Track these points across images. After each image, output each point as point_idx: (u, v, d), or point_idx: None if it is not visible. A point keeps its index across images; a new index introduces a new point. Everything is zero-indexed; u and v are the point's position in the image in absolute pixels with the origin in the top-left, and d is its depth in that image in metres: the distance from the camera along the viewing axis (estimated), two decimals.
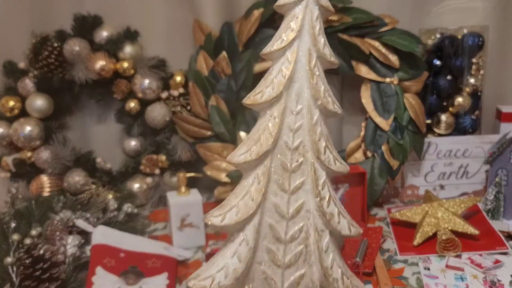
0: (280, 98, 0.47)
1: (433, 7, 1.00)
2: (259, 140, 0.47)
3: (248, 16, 0.94)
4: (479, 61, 0.99)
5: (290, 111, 0.47)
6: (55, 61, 0.97)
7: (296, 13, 0.47)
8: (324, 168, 0.48)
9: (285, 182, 0.47)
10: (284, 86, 0.47)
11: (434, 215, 0.83)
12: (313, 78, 0.47)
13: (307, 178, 0.47)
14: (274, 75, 0.48)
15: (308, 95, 0.48)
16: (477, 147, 0.99)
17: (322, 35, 0.48)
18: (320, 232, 0.48)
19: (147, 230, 0.95)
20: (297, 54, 0.47)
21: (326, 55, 0.48)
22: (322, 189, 0.48)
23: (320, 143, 0.48)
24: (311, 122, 0.47)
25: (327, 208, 0.48)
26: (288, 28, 0.47)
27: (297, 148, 0.47)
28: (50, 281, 0.71)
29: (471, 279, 0.71)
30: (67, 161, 1.01)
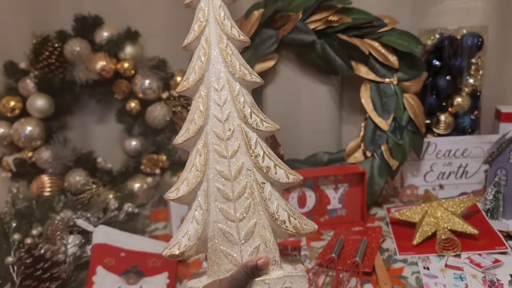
0: (203, 80, 0.55)
1: (432, 8, 1.00)
2: (193, 120, 0.55)
3: (248, 16, 0.94)
4: (478, 61, 1.00)
5: (214, 89, 0.55)
6: (55, 62, 0.98)
7: (201, 6, 0.57)
8: (254, 130, 0.55)
9: (223, 150, 0.55)
10: (204, 68, 0.55)
11: (434, 214, 0.83)
12: (227, 57, 0.55)
13: (241, 142, 0.55)
14: (194, 62, 0.56)
15: (226, 72, 0.55)
16: (476, 147, 0.99)
17: (227, 19, 0.57)
18: (261, 185, 0.55)
19: (147, 230, 0.95)
20: (209, 40, 0.56)
21: (235, 35, 0.56)
22: (255, 148, 0.55)
23: (245, 109, 0.55)
24: (234, 94, 0.55)
25: (263, 163, 0.55)
26: (198, 20, 0.56)
27: (227, 119, 0.55)
28: (50, 281, 0.71)
29: (471, 279, 0.71)
30: (67, 161, 1.02)
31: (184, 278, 0.77)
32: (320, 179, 0.92)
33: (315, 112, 1.01)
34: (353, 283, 0.72)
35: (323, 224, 0.93)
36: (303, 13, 0.92)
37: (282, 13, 0.94)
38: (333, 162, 0.99)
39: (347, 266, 0.76)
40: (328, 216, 0.94)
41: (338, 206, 0.93)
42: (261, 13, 0.92)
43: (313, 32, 0.93)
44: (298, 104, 1.01)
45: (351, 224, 0.92)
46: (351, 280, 0.73)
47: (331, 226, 0.92)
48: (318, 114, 1.01)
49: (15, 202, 0.92)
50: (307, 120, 1.02)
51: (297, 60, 0.99)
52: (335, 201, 0.93)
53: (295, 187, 0.91)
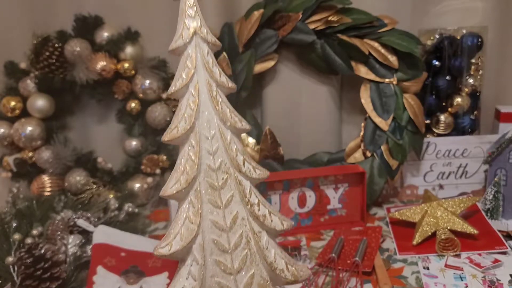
0: (193, 129, 0.53)
1: (432, 8, 1.00)
2: (184, 170, 0.53)
3: (248, 17, 0.94)
4: (478, 61, 1.00)
5: (205, 137, 0.53)
6: (56, 62, 0.98)
7: (189, 53, 0.54)
8: (247, 178, 0.54)
9: (217, 200, 0.53)
10: (195, 116, 0.53)
11: (433, 214, 0.83)
12: (218, 105, 0.54)
13: (235, 191, 0.54)
14: (183, 109, 0.54)
15: (217, 120, 0.54)
16: (476, 147, 0.99)
17: (216, 66, 0.55)
18: (258, 234, 0.54)
19: (147, 230, 0.95)
20: (199, 87, 0.54)
21: (224, 82, 0.55)
22: (250, 197, 0.54)
23: (238, 158, 0.54)
24: (226, 142, 0.54)
25: (259, 211, 0.54)
26: (185, 67, 0.54)
27: (220, 167, 0.53)
28: (51, 281, 0.71)
29: (470, 279, 0.71)
30: (68, 161, 1.02)
31: None
32: (320, 179, 0.92)
33: (315, 112, 1.01)
34: (353, 283, 0.72)
35: (323, 224, 0.93)
36: (303, 13, 0.92)
37: (282, 13, 0.94)
38: (333, 162, 0.99)
39: (347, 266, 0.76)
40: (328, 216, 0.94)
41: (338, 206, 0.94)
42: (261, 13, 0.93)
43: (313, 32, 0.93)
44: (298, 104, 1.01)
45: (351, 224, 0.92)
46: (351, 280, 0.73)
47: (331, 226, 0.92)
48: (318, 114, 1.02)
49: (16, 202, 0.92)
50: (307, 120, 1.02)
51: (297, 60, 0.99)
52: (335, 201, 0.93)
53: (295, 187, 0.92)
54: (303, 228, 0.93)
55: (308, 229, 0.92)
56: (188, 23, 0.53)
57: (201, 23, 0.54)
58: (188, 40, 0.53)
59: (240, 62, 0.95)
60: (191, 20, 0.53)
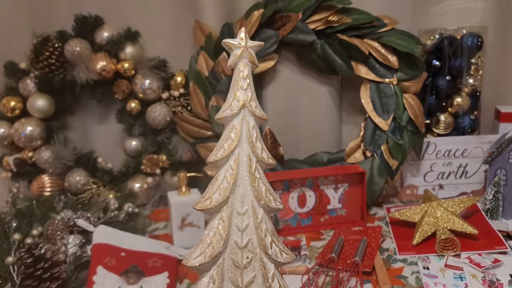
0: (227, 202, 0.52)
1: (432, 8, 1.01)
2: (211, 243, 0.51)
3: (248, 16, 0.94)
4: (478, 61, 1.00)
5: (237, 213, 0.52)
6: (56, 62, 0.98)
7: (234, 124, 0.53)
8: (272, 261, 0.53)
9: (238, 279, 0.52)
10: (230, 190, 0.52)
11: (433, 214, 0.83)
12: (255, 181, 0.52)
13: (257, 272, 0.52)
14: (220, 181, 0.52)
15: (251, 197, 0.52)
16: (476, 147, 0.99)
17: (259, 141, 0.54)
18: None
19: (147, 230, 0.95)
20: (239, 161, 0.52)
21: (265, 159, 0.54)
22: (272, 281, 0.52)
23: (266, 239, 0.52)
24: (257, 221, 0.52)
25: None
26: (229, 139, 0.53)
27: (246, 246, 0.52)
28: (51, 281, 0.71)
29: (470, 279, 0.71)
30: (68, 161, 1.02)
31: (184, 278, 0.77)
32: (320, 179, 0.92)
33: (315, 112, 1.01)
34: (353, 282, 0.72)
35: (323, 224, 0.93)
36: (303, 13, 0.92)
37: (282, 13, 0.94)
38: (333, 162, 0.99)
39: (347, 265, 0.76)
40: (328, 216, 0.94)
41: (338, 206, 0.94)
42: (261, 13, 0.93)
43: (313, 32, 0.93)
44: (298, 104, 1.01)
45: (351, 224, 0.92)
46: (351, 279, 0.73)
47: (331, 226, 0.92)
48: (318, 114, 1.02)
49: (16, 202, 0.92)
50: (307, 120, 1.02)
51: (297, 60, 0.99)
52: (335, 201, 0.93)
53: (295, 187, 0.91)
54: (303, 228, 0.93)
55: (308, 229, 0.92)
56: (239, 95, 0.53)
57: (252, 96, 0.53)
58: (236, 112, 0.52)
59: None
60: (242, 92, 0.53)
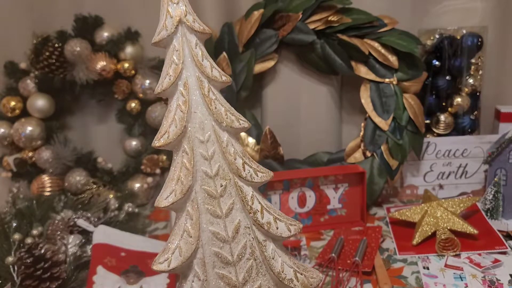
0: (185, 132, 0.48)
1: (432, 8, 1.00)
2: (179, 178, 0.48)
3: (248, 16, 0.94)
4: (478, 61, 1.00)
5: (199, 141, 0.48)
6: (56, 62, 0.98)
7: (175, 45, 0.47)
8: (249, 183, 0.50)
9: (217, 209, 0.49)
10: (186, 119, 0.48)
11: (433, 214, 0.83)
12: (211, 104, 0.48)
13: (236, 198, 0.49)
14: (173, 111, 0.48)
15: (211, 121, 0.48)
16: (476, 147, 0.99)
17: (206, 59, 0.48)
18: (263, 243, 0.50)
19: (147, 230, 0.95)
20: (188, 85, 0.48)
21: (217, 77, 0.49)
22: (252, 204, 0.49)
23: (237, 161, 0.49)
24: (222, 145, 0.48)
25: (262, 219, 0.49)
26: (172, 63, 0.47)
27: (217, 173, 0.48)
28: (51, 281, 0.71)
29: (470, 279, 0.71)
30: (68, 161, 1.02)
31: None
32: (320, 179, 0.92)
33: (315, 112, 1.01)
34: (353, 282, 0.72)
35: (323, 224, 0.93)
36: (303, 13, 0.92)
37: (282, 13, 0.94)
38: (333, 162, 0.99)
39: (347, 265, 0.76)
40: (328, 216, 0.94)
41: (338, 206, 0.94)
42: (261, 13, 0.93)
43: (313, 32, 0.93)
44: (298, 104, 1.01)
45: (351, 224, 0.92)
46: (351, 279, 0.73)
47: (331, 226, 0.92)
48: (318, 114, 1.02)
49: (16, 202, 0.92)
50: (307, 120, 1.02)
51: (297, 60, 0.99)
52: (335, 201, 0.93)
53: (295, 187, 0.92)
54: (303, 228, 0.92)
55: (308, 229, 0.92)
56: (172, 11, 0.47)
57: (187, 9, 0.47)
58: (173, 31, 0.47)
59: (240, 62, 0.96)
60: (174, 6, 0.47)
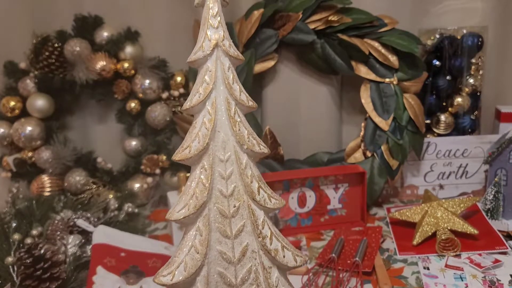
0: (207, 150, 0.49)
1: (432, 8, 1.00)
2: (194, 194, 0.48)
3: (248, 16, 0.94)
4: (478, 61, 1.00)
5: (219, 160, 0.49)
6: (55, 62, 0.98)
7: (208, 66, 0.49)
8: (261, 208, 0.50)
9: (227, 229, 0.49)
10: (209, 137, 0.49)
11: (434, 214, 0.83)
12: (235, 125, 0.50)
13: (247, 220, 0.49)
14: (198, 128, 0.49)
15: (233, 142, 0.50)
16: (477, 147, 0.99)
17: (236, 83, 0.50)
18: (268, 269, 0.50)
19: (147, 230, 0.95)
20: (216, 105, 0.49)
21: (244, 101, 0.51)
22: (262, 228, 0.50)
23: (253, 185, 0.50)
24: (241, 167, 0.49)
25: (271, 245, 0.50)
26: (203, 82, 0.49)
27: (232, 194, 0.49)
28: (50, 281, 0.71)
29: (471, 279, 0.71)
30: (67, 161, 1.02)
31: None
32: (320, 179, 0.92)
33: (315, 112, 1.01)
34: (353, 283, 0.72)
35: (323, 224, 0.93)
36: (303, 13, 0.92)
37: (282, 13, 0.94)
38: (333, 162, 0.99)
39: (347, 266, 0.76)
40: (328, 216, 0.94)
41: (338, 206, 0.94)
42: (261, 13, 0.93)
43: (313, 32, 0.93)
44: (298, 104, 1.01)
45: (351, 224, 0.92)
46: (351, 280, 0.73)
47: (331, 226, 0.92)
48: (318, 114, 1.01)
49: (15, 202, 0.92)
50: (307, 120, 1.02)
51: (297, 60, 0.99)
52: (335, 201, 0.93)
53: (295, 187, 0.91)
54: (303, 228, 0.93)
55: (308, 229, 0.92)
56: (210, 34, 0.49)
57: (224, 34, 0.50)
58: (209, 52, 0.49)
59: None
60: (213, 31, 0.49)
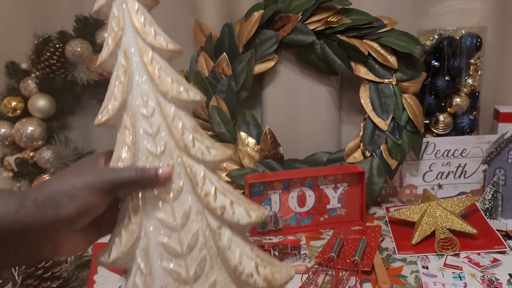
0: (125, 105, 0.43)
1: (431, 8, 1.01)
2: (119, 158, 0.43)
3: (248, 17, 0.95)
4: (477, 61, 1.00)
5: (142, 116, 0.43)
6: (57, 62, 0.98)
7: (114, 13, 0.44)
8: (200, 162, 0.43)
9: (162, 192, 0.42)
10: (126, 91, 0.43)
11: (433, 214, 0.84)
12: (155, 72, 0.43)
13: (184, 179, 0.42)
14: (113, 84, 0.43)
15: (155, 92, 0.43)
16: (475, 147, 0.99)
17: (149, 25, 0.44)
18: (217, 230, 0.42)
19: None
20: (128, 54, 0.43)
21: (162, 45, 0.44)
22: (203, 185, 0.42)
23: (185, 137, 0.43)
24: (168, 120, 0.43)
25: (215, 202, 0.42)
26: (111, 31, 0.44)
27: (163, 151, 0.42)
28: (52, 280, 0.72)
29: (469, 278, 0.72)
30: (69, 161, 1.02)
31: None
32: (319, 179, 0.92)
33: (315, 112, 1.02)
34: (353, 282, 0.73)
35: (323, 223, 0.94)
36: (302, 14, 0.93)
37: (281, 14, 0.94)
38: (332, 162, 0.99)
39: (346, 265, 0.76)
40: (327, 216, 0.94)
41: (337, 206, 0.94)
42: (261, 14, 0.93)
43: (313, 33, 0.93)
44: (298, 104, 1.01)
45: (350, 224, 0.93)
46: (350, 279, 0.73)
47: (331, 225, 0.93)
48: (318, 114, 1.02)
49: None
50: (306, 120, 1.02)
51: (296, 60, 1.00)
52: (335, 201, 0.94)
53: (295, 186, 0.92)
54: (303, 227, 0.93)
55: (308, 228, 0.93)
56: None
57: None
58: None
59: (240, 62, 0.96)
60: None
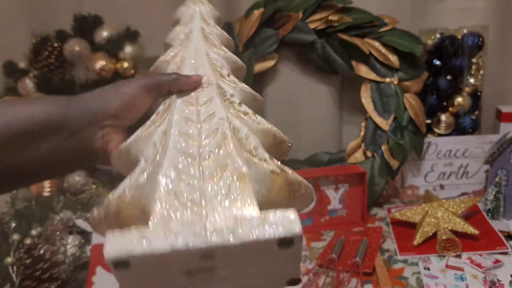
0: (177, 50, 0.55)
1: (433, 8, 1.00)
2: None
3: (248, 16, 0.94)
4: (479, 61, 0.99)
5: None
6: (55, 61, 0.97)
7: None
8: (231, 87, 0.46)
9: (193, 99, 0.44)
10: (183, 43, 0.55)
11: (434, 215, 0.83)
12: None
13: (216, 92, 0.44)
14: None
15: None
16: (477, 147, 0.99)
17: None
18: (237, 126, 0.40)
19: None
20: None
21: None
22: (232, 97, 0.44)
23: (223, 71, 0.49)
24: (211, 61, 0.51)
25: (241, 107, 0.42)
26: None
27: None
28: (50, 281, 0.71)
29: (471, 279, 0.71)
30: None
31: None
32: (320, 180, 0.92)
33: (315, 112, 1.01)
34: (354, 283, 0.72)
35: (323, 224, 0.93)
36: (303, 12, 0.92)
37: (282, 13, 0.94)
38: (333, 162, 0.99)
39: (347, 266, 0.76)
40: (328, 217, 0.94)
41: (338, 207, 0.93)
42: (261, 12, 0.92)
43: (313, 32, 0.93)
44: (298, 104, 1.01)
45: (351, 225, 0.92)
46: (351, 280, 0.73)
47: (332, 226, 0.92)
48: (318, 114, 1.01)
49: (15, 202, 0.91)
50: (307, 120, 1.01)
51: (297, 60, 0.99)
52: (336, 202, 0.93)
53: None
54: (304, 228, 0.92)
55: (309, 229, 0.92)
56: None
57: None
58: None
59: None
60: None
